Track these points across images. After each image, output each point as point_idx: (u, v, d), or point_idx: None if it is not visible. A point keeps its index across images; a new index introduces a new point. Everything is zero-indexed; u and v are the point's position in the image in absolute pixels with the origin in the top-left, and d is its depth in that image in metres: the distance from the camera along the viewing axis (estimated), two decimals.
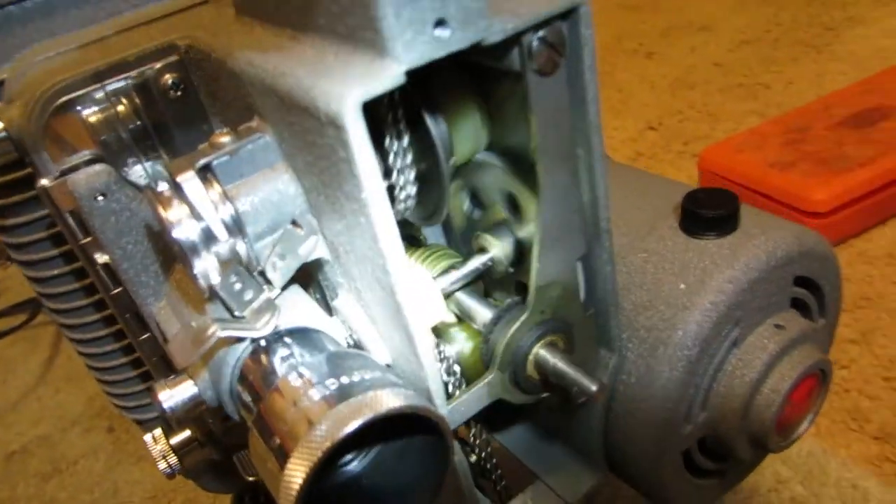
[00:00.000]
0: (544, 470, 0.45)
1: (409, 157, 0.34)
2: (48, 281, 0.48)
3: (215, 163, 0.33)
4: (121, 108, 0.40)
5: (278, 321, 0.34)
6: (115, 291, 0.42)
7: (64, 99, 0.38)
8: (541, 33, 0.29)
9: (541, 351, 0.36)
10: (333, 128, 0.26)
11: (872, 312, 0.99)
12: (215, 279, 0.33)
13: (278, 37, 0.32)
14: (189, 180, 0.32)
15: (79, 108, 0.39)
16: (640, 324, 0.40)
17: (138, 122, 0.41)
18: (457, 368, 0.39)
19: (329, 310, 0.38)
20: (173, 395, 0.35)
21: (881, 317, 0.98)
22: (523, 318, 0.35)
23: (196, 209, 0.32)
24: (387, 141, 0.33)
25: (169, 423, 0.44)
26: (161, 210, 0.31)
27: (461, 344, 0.41)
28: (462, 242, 0.44)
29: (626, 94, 1.68)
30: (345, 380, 0.31)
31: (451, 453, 0.32)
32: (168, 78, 0.40)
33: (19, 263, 0.48)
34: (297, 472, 0.27)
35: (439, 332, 0.42)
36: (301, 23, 0.30)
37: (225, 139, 0.33)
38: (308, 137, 0.29)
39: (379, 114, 0.32)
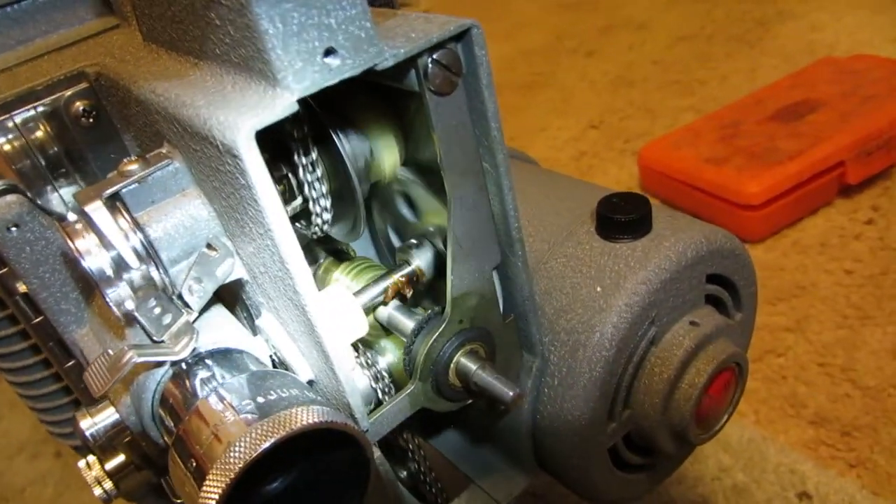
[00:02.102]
0: (478, 473, 0.46)
1: (319, 173, 0.35)
2: None
3: (124, 191, 0.33)
4: (33, 136, 0.40)
5: (198, 344, 0.34)
6: (37, 320, 0.41)
7: None
8: (435, 56, 0.29)
9: (462, 359, 0.37)
10: (230, 156, 0.26)
11: (806, 300, 1.03)
12: (130, 306, 0.33)
13: (181, 64, 0.33)
14: (97, 210, 0.32)
15: None
16: (561, 327, 0.42)
17: (52, 150, 0.40)
18: (387, 379, 0.40)
19: (254, 329, 0.39)
20: (95, 423, 0.35)
21: (814, 304, 1.02)
22: (441, 328, 0.36)
23: (106, 238, 0.32)
24: (294, 158, 0.34)
25: (92, 450, 0.43)
26: (69, 241, 0.31)
27: (392, 354, 0.42)
28: (391, 255, 0.45)
29: (567, 94, 1.71)
30: (261, 399, 0.31)
31: (371, 466, 0.32)
32: (79, 105, 0.40)
33: None
34: (212, 493, 0.28)
35: (369, 343, 0.43)
36: (201, 51, 0.31)
37: (133, 166, 0.33)
38: (212, 164, 0.30)
39: (285, 134, 0.33)
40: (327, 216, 0.37)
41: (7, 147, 0.39)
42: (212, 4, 0.26)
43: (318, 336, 0.31)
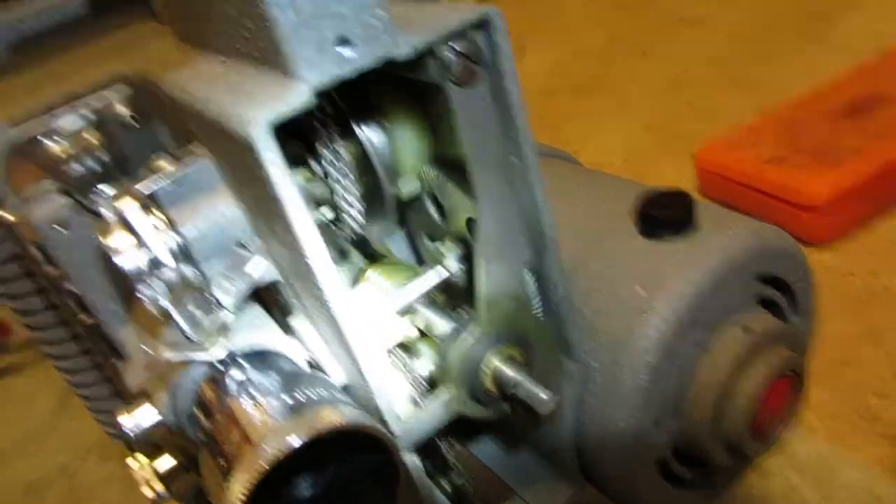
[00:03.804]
0: (520, 484, 0.45)
1: (347, 171, 0.34)
2: (29, 313, 0.48)
3: (157, 188, 0.33)
4: (80, 139, 0.41)
5: (233, 344, 0.34)
6: (85, 318, 0.42)
7: (17, 134, 0.38)
8: (455, 45, 0.29)
9: (497, 363, 0.36)
10: (249, 150, 0.26)
11: (879, 307, 0.97)
12: (165, 303, 0.33)
13: (210, 63, 0.33)
14: (130, 207, 0.32)
15: (38, 140, 0.40)
16: (602, 331, 0.40)
17: (98, 153, 0.41)
18: (424, 384, 0.39)
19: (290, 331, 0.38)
20: (134, 420, 0.36)
21: (888, 311, 0.96)
22: (474, 331, 0.35)
23: (140, 236, 0.32)
24: (323, 159, 0.34)
25: (132, 447, 0.44)
26: (104, 239, 0.32)
27: (429, 359, 0.41)
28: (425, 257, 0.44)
29: (622, 96, 1.68)
30: (291, 400, 0.31)
31: (401, 471, 0.31)
32: (122, 108, 0.40)
33: (3, 297, 0.48)
34: (237, 491, 0.27)
35: (406, 347, 0.42)
36: (226, 48, 0.30)
37: (165, 164, 0.33)
38: (237, 160, 0.29)
39: (313, 131, 0.33)
40: (359, 216, 0.36)
41: (53, 150, 0.40)
42: (265, 19, 0.26)
43: (344, 337, 0.31)
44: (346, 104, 0.35)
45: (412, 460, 0.35)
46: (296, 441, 0.27)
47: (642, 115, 1.57)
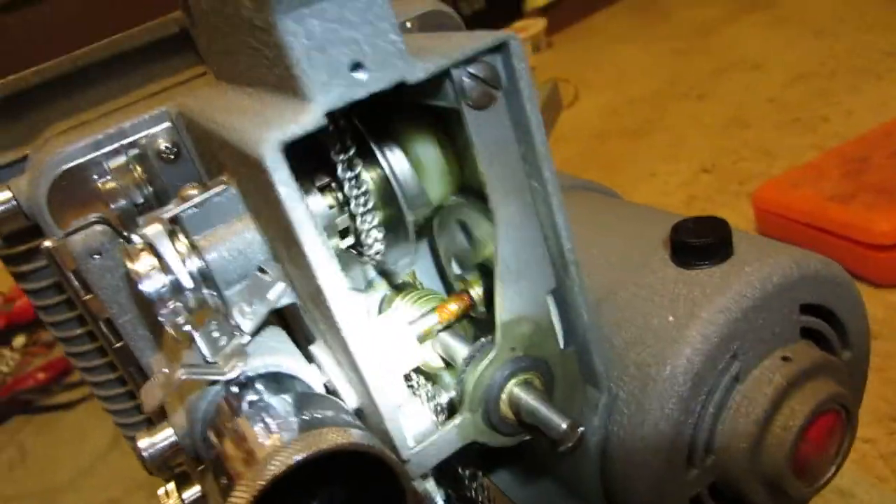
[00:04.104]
0: None
1: (369, 201, 0.35)
2: (70, 341, 0.50)
3: (183, 215, 0.34)
4: (122, 173, 0.43)
5: (249, 366, 0.35)
6: (118, 345, 0.44)
7: (64, 168, 0.41)
8: (471, 69, 0.29)
9: (514, 389, 0.35)
10: (261, 171, 0.27)
11: None
12: (186, 327, 0.34)
13: (238, 94, 0.34)
14: (156, 232, 0.33)
15: (83, 175, 0.42)
16: (631, 360, 0.39)
17: (139, 186, 0.43)
18: (447, 412, 0.39)
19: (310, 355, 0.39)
20: (153, 443, 0.36)
21: None
22: (491, 355, 0.34)
23: (164, 260, 0.33)
24: (345, 187, 0.34)
25: (149, 470, 0.45)
26: (129, 263, 0.33)
27: (451, 385, 0.41)
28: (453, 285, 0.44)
29: (678, 138, 1.66)
30: (298, 420, 0.31)
31: (410, 497, 0.31)
32: (162, 143, 0.42)
33: (47, 324, 0.51)
34: None
35: (431, 375, 0.42)
36: (251, 78, 0.32)
37: (193, 192, 0.35)
38: (256, 184, 0.30)
39: (333, 157, 0.33)
40: (378, 244, 0.36)
41: (98, 184, 0.42)
42: (249, 28, 0.27)
43: (354, 361, 0.31)
44: (370, 132, 0.35)
45: (425, 487, 0.34)
46: (295, 458, 0.27)
47: (699, 157, 1.55)
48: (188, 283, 0.33)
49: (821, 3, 2.00)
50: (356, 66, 0.26)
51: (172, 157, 0.42)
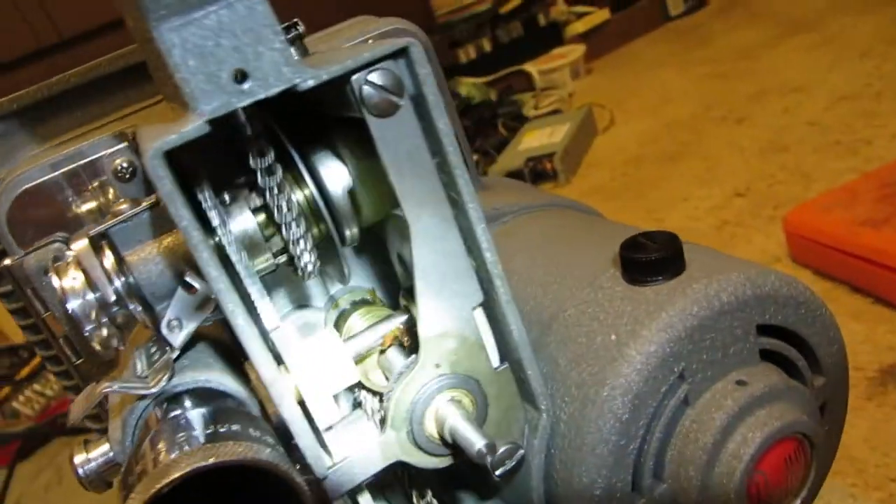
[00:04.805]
0: None
1: (297, 219, 0.35)
2: (52, 359, 0.52)
3: (112, 230, 0.35)
4: (80, 193, 0.44)
5: (174, 381, 0.35)
6: (78, 362, 0.45)
7: (24, 188, 0.42)
8: (371, 77, 0.29)
9: (440, 408, 0.34)
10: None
11: None
12: (114, 342, 0.35)
13: (164, 110, 0.35)
14: (82, 248, 0.34)
15: (44, 195, 0.43)
16: (573, 380, 0.37)
17: (96, 204, 0.44)
18: None
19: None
20: (88, 459, 0.36)
21: None
22: (413, 372, 0.33)
23: (90, 276, 0.34)
24: (268, 197, 0.34)
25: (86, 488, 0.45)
26: (57, 280, 0.34)
27: None
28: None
29: (712, 162, 1.61)
30: (201, 434, 0.30)
31: None
32: (119, 162, 0.44)
33: (31, 343, 0.52)
34: None
35: (376, 392, 0.41)
36: (168, 94, 0.32)
37: (124, 207, 0.35)
38: None
39: (257, 171, 0.34)
40: (308, 258, 0.36)
41: (57, 204, 0.44)
42: (148, 42, 0.28)
43: (261, 374, 0.30)
44: (303, 144, 0.36)
45: None
46: (185, 471, 0.27)
47: (733, 181, 1.50)
48: (110, 297, 0.34)
49: (867, 24, 1.93)
50: (239, 75, 0.26)
51: (128, 175, 0.43)
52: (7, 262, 0.42)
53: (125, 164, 0.44)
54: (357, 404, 0.42)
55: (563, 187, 1.78)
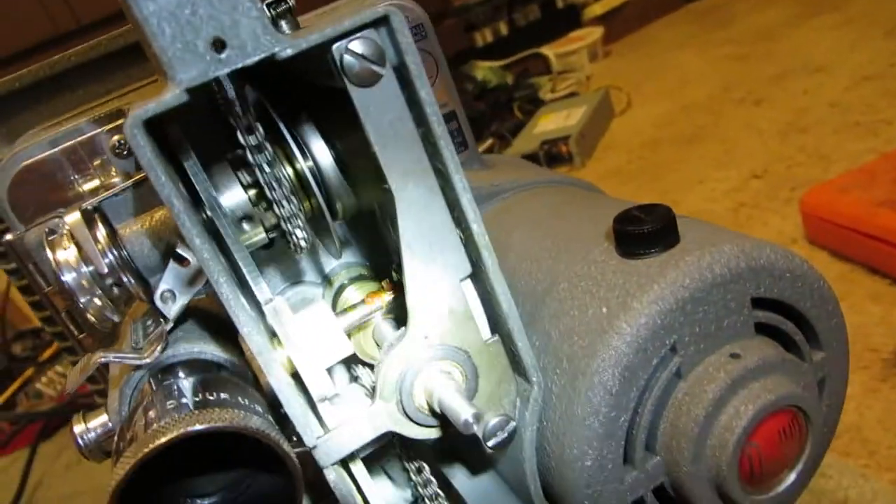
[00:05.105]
0: None
1: (287, 195, 0.35)
2: (59, 335, 0.53)
3: (105, 203, 0.35)
4: (81, 171, 0.45)
5: (167, 352, 0.35)
6: (80, 336, 0.45)
7: (24, 164, 0.43)
8: (351, 46, 0.29)
9: (430, 379, 0.34)
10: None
11: None
12: (108, 315, 0.35)
13: (153, 86, 0.35)
14: (75, 221, 0.34)
15: (44, 171, 0.44)
16: (564, 353, 0.37)
17: (98, 183, 0.45)
18: None
19: None
20: (87, 429, 0.37)
21: None
22: (402, 343, 0.34)
23: (83, 249, 0.34)
24: (265, 182, 0.34)
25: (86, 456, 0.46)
26: (50, 253, 0.34)
27: None
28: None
29: (730, 144, 1.59)
30: (198, 400, 0.31)
31: (299, 485, 0.30)
32: (117, 139, 0.44)
33: (39, 320, 0.53)
34: (115, 478, 0.28)
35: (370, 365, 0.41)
36: (156, 70, 0.33)
37: (116, 180, 0.36)
38: None
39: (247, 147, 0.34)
40: (299, 234, 0.36)
41: (57, 178, 0.44)
42: (131, 14, 0.28)
43: (246, 344, 0.31)
44: (287, 125, 0.36)
45: (336, 475, 0.33)
46: (170, 437, 0.27)
47: (750, 163, 1.48)
48: (103, 269, 0.34)
49: (892, 2, 1.88)
50: (218, 43, 0.26)
51: (125, 152, 0.44)
52: (8, 237, 0.43)
53: (122, 140, 0.44)
54: (354, 378, 0.42)
55: (579, 170, 1.77)
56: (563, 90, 2.20)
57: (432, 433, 0.35)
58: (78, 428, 0.37)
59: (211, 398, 0.31)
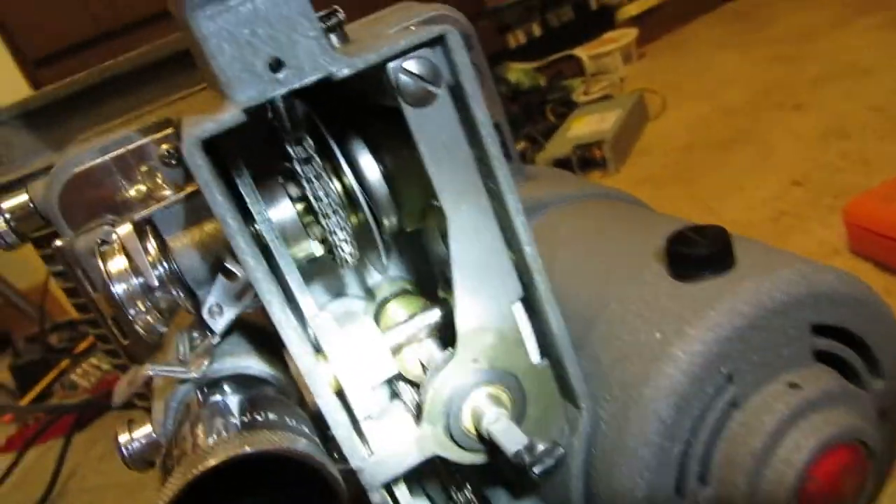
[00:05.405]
0: None
1: (337, 210, 0.34)
2: (103, 339, 0.53)
3: (156, 215, 0.35)
4: (129, 177, 0.45)
5: (213, 366, 0.35)
6: (126, 342, 0.46)
7: (75, 171, 0.43)
8: (406, 65, 0.28)
9: (478, 403, 0.33)
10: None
11: None
12: (157, 327, 0.35)
13: (206, 98, 0.35)
14: (127, 233, 0.34)
15: (95, 178, 0.44)
16: (615, 379, 0.36)
17: (145, 189, 0.45)
18: None
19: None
20: (132, 439, 0.37)
21: None
22: (450, 366, 0.33)
23: (134, 261, 0.34)
24: (312, 196, 0.34)
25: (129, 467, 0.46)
26: (101, 264, 0.34)
27: None
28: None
29: (768, 150, 1.55)
30: (246, 420, 0.31)
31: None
32: (165, 148, 0.44)
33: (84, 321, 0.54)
34: (163, 499, 0.27)
35: (414, 383, 0.41)
36: (209, 82, 0.32)
37: (167, 192, 0.36)
38: None
39: (295, 160, 0.33)
40: (346, 249, 0.36)
41: (108, 187, 0.44)
42: (188, 32, 0.28)
43: (296, 366, 0.30)
44: (338, 139, 0.35)
45: (383, 497, 0.33)
46: (219, 459, 0.27)
47: (790, 170, 1.44)
48: (153, 282, 0.34)
49: None
50: (276, 63, 0.26)
51: (174, 161, 0.44)
52: (58, 242, 0.43)
53: (171, 150, 0.44)
54: (395, 395, 0.41)
55: (613, 176, 1.75)
56: (597, 93, 2.17)
57: (478, 458, 0.35)
58: (123, 438, 0.37)
59: (259, 418, 0.30)
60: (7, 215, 0.43)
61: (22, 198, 0.44)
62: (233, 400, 0.33)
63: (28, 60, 1.73)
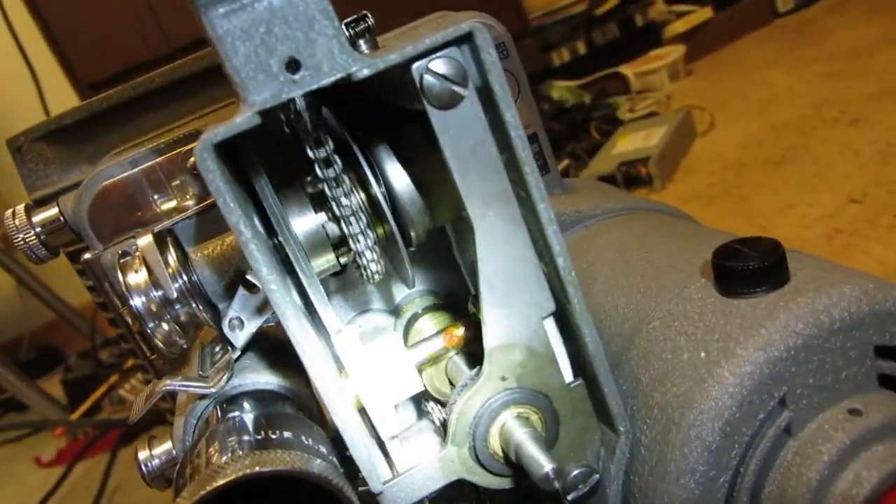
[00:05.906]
0: None
1: (362, 219, 0.33)
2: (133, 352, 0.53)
3: (178, 227, 0.34)
4: (160, 191, 0.44)
5: (232, 381, 0.34)
6: (152, 357, 0.45)
7: (104, 185, 0.43)
8: (432, 66, 0.27)
9: (506, 424, 0.31)
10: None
11: None
12: (177, 341, 0.34)
13: (229, 108, 0.34)
14: (146, 245, 0.34)
15: (125, 192, 0.44)
16: (655, 401, 0.33)
17: (175, 203, 0.45)
18: None
19: None
20: (152, 456, 0.36)
21: None
22: (477, 384, 0.31)
23: (154, 273, 0.34)
24: (336, 205, 0.32)
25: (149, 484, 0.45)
26: (121, 276, 0.33)
27: None
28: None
29: (823, 167, 1.50)
30: (261, 438, 0.29)
31: None
32: (193, 160, 0.44)
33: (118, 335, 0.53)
34: None
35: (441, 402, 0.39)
36: (233, 92, 0.32)
37: (190, 203, 0.35)
38: None
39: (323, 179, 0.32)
40: (374, 263, 0.34)
41: (136, 199, 0.44)
42: (209, 39, 0.27)
43: (315, 386, 0.29)
44: (362, 148, 0.34)
45: None
46: (229, 477, 0.26)
47: (846, 187, 1.38)
48: (172, 294, 0.33)
49: None
50: (293, 63, 0.25)
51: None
52: (87, 256, 0.43)
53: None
54: (423, 413, 0.40)
55: (658, 193, 1.70)
56: (643, 110, 2.14)
57: (506, 483, 0.33)
58: (142, 455, 0.36)
59: (273, 437, 0.29)
60: (38, 229, 0.43)
61: (52, 211, 0.44)
62: (249, 417, 0.32)
63: (83, 83, 1.79)
